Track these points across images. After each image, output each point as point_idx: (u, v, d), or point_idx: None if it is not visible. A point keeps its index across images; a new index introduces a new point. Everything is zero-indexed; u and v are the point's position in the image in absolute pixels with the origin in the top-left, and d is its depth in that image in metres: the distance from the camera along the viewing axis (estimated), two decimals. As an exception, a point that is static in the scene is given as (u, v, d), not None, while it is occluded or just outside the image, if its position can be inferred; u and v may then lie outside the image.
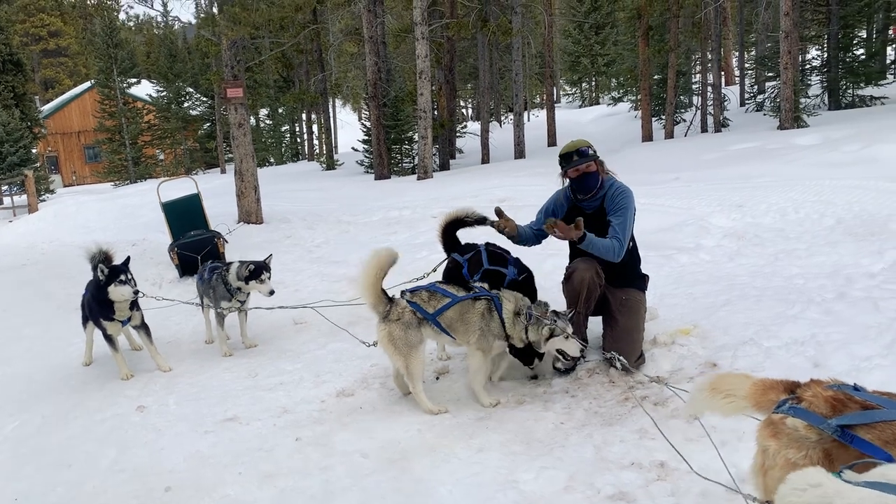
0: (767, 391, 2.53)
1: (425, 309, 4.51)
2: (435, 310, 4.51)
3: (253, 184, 13.21)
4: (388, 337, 4.48)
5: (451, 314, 4.51)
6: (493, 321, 4.50)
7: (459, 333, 4.55)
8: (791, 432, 2.28)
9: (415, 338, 4.48)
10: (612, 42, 40.64)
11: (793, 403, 2.36)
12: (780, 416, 2.35)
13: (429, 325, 4.53)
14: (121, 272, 5.68)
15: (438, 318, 4.50)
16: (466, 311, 4.52)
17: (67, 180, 44.48)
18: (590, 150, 4.79)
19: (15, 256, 13.45)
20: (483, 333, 4.49)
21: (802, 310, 5.10)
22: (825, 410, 2.28)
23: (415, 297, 4.57)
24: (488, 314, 4.51)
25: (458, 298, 4.53)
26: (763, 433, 2.40)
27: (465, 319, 4.51)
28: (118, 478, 4.04)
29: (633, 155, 16.01)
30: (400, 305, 4.54)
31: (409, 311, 4.51)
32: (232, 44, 12.90)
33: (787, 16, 16.14)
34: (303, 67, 32.29)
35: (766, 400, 2.50)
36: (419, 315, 4.50)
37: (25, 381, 6.02)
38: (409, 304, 4.53)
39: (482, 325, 4.49)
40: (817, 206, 8.18)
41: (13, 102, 28.76)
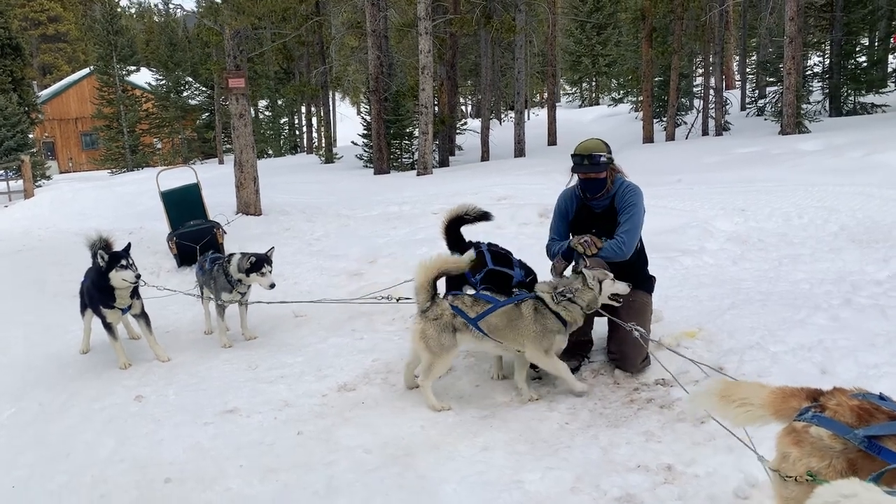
0: (788, 399, 2.47)
1: (467, 314, 4.43)
2: (477, 315, 4.42)
3: (252, 175, 13.13)
4: (422, 333, 4.45)
5: (496, 321, 4.42)
6: (548, 318, 4.40)
7: (509, 339, 4.45)
8: (815, 441, 2.24)
9: (447, 341, 4.43)
10: (614, 42, 40.61)
11: (816, 412, 2.31)
12: (802, 424, 2.31)
13: (469, 332, 4.43)
14: (122, 257, 5.63)
15: (480, 324, 4.42)
16: (515, 318, 4.43)
17: (64, 167, 44.29)
18: (602, 157, 4.70)
19: (10, 242, 13.35)
20: (542, 333, 4.40)
21: (809, 315, 5.07)
22: (851, 420, 2.23)
23: (457, 301, 4.50)
24: (540, 314, 4.41)
25: (500, 304, 4.44)
26: (784, 440, 2.35)
27: (515, 326, 4.41)
28: (117, 468, 3.98)
29: (634, 156, 15.95)
30: (441, 306, 4.49)
31: (448, 313, 4.44)
32: (235, 34, 12.81)
33: (792, 21, 16.12)
34: (304, 59, 32.18)
35: (787, 408, 2.45)
36: (460, 320, 4.42)
37: (22, 368, 5.96)
38: (452, 307, 4.45)
39: (537, 326, 4.40)
40: (821, 211, 8.16)
41: (11, 87, 28.61)
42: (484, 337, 4.44)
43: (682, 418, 4.00)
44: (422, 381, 4.50)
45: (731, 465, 3.44)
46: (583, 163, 4.73)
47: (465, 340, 4.49)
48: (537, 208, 9.80)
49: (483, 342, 4.50)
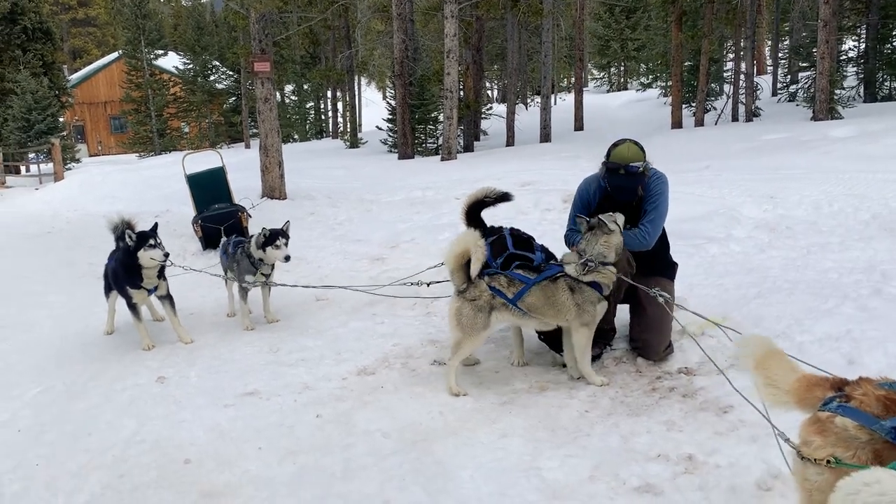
0: (812, 388, 2.42)
1: (506, 294, 4.40)
2: (514, 295, 4.40)
3: (277, 159, 13.17)
4: (458, 312, 4.46)
5: (533, 299, 4.39)
6: (585, 290, 4.37)
7: (550, 316, 4.43)
8: (839, 431, 2.19)
9: (481, 322, 4.41)
10: (643, 27, 40.00)
11: (841, 402, 2.25)
12: (827, 414, 2.25)
13: (507, 311, 4.41)
14: (150, 237, 5.67)
15: (519, 304, 4.39)
16: (552, 294, 4.39)
17: (93, 150, 44.84)
18: (640, 168, 4.58)
19: (40, 224, 13.56)
20: (581, 308, 4.36)
21: (837, 305, 4.96)
22: (878, 410, 2.18)
23: (493, 282, 4.46)
24: (577, 289, 4.38)
25: (533, 281, 4.41)
26: (808, 429, 2.31)
27: (554, 302, 4.38)
28: (138, 448, 4.02)
29: (662, 142, 15.75)
30: (479, 287, 4.44)
31: (487, 294, 4.41)
32: (260, 17, 12.82)
33: (827, 4, 15.74)
34: (329, 44, 32.19)
35: (811, 397, 2.40)
36: (500, 300, 4.40)
37: (47, 348, 6.04)
38: (490, 288, 4.42)
39: (576, 300, 4.36)
40: (852, 199, 7.96)
41: (42, 71, 28.95)
42: (525, 315, 4.42)
43: (705, 407, 3.95)
44: (449, 361, 4.50)
45: (753, 456, 3.38)
46: (618, 172, 4.61)
47: (504, 319, 4.48)
48: (561, 194, 9.70)
49: (525, 319, 4.49)
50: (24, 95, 26.37)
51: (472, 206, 5.52)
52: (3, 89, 27.77)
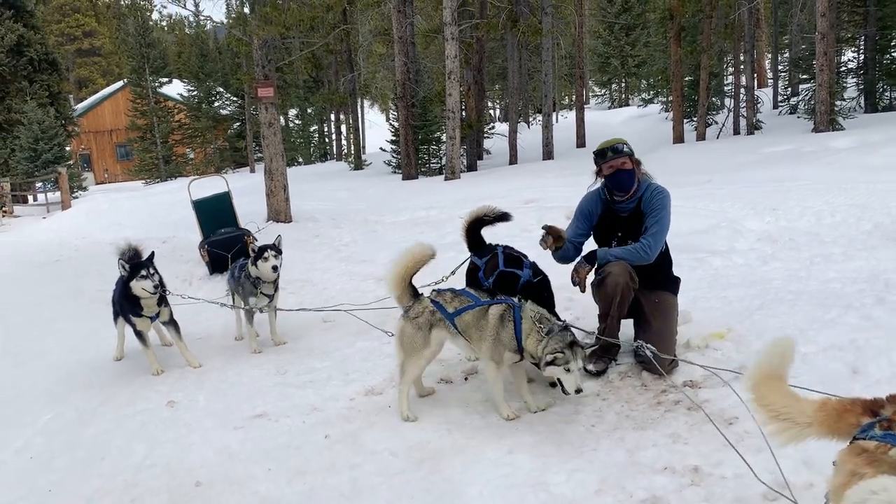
0: (843, 415, 2.29)
1: (447, 309, 4.40)
2: (455, 310, 4.39)
3: (282, 183, 13.29)
4: (400, 332, 4.49)
5: (468, 318, 4.36)
6: (506, 331, 4.22)
7: (473, 340, 4.37)
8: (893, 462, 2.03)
9: (420, 341, 4.40)
10: (643, 43, 40.27)
11: (884, 428, 2.13)
12: (875, 444, 2.11)
13: (444, 327, 4.41)
14: (142, 267, 5.73)
15: (456, 320, 4.37)
16: (481, 318, 4.33)
17: (99, 178, 45.26)
18: (625, 148, 4.71)
19: (48, 253, 13.68)
20: (494, 343, 4.25)
21: (840, 315, 4.98)
22: None
23: (439, 297, 4.48)
24: (501, 323, 4.25)
25: (480, 303, 4.38)
26: (854, 460, 2.13)
27: (479, 326, 4.32)
28: (149, 472, 4.06)
29: (664, 156, 15.83)
30: (422, 304, 4.47)
31: (427, 311, 4.42)
32: (263, 43, 12.99)
33: (824, 17, 15.86)
34: (332, 68, 32.51)
35: (844, 425, 2.27)
36: (438, 316, 4.39)
37: (58, 374, 6.10)
38: (433, 302, 4.44)
39: (494, 333, 4.25)
40: (854, 209, 8.00)
41: (48, 101, 29.23)
42: (457, 333, 4.40)
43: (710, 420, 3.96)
44: (399, 385, 4.48)
45: (759, 467, 3.38)
46: (605, 154, 4.73)
47: (440, 337, 4.44)
48: (564, 211, 9.74)
49: (456, 339, 4.46)
50: (31, 126, 26.65)
51: (472, 225, 5.58)
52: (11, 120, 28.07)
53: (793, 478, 3.25)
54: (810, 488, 3.15)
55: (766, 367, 2.52)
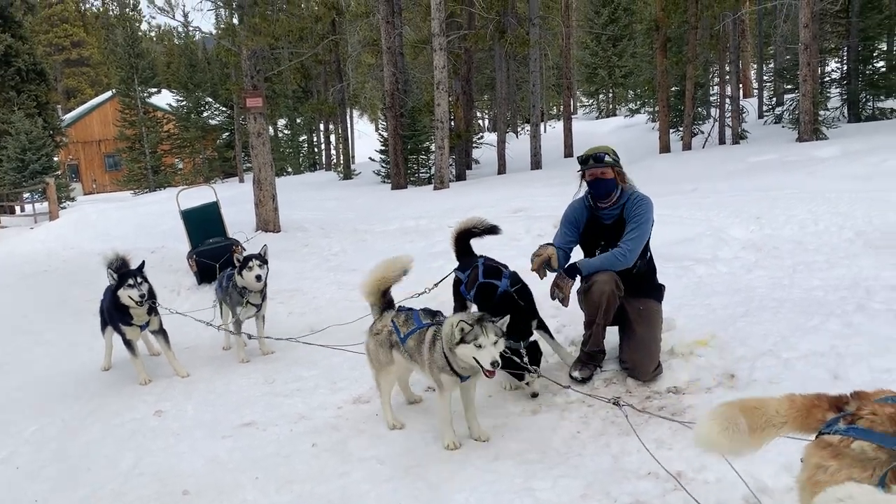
0: (811, 410, 2.36)
1: (401, 331, 4.34)
2: (405, 334, 4.32)
3: (271, 193, 13.30)
4: (366, 346, 4.55)
5: (412, 343, 4.29)
6: (436, 351, 4.09)
7: (419, 364, 4.30)
8: (857, 454, 2.12)
9: (385, 358, 4.40)
10: (629, 54, 40.61)
11: (848, 423, 2.20)
12: (839, 437, 2.19)
13: (399, 349, 4.35)
14: (129, 276, 5.75)
15: (406, 344, 4.30)
16: (420, 342, 4.23)
17: (88, 188, 45.07)
18: (607, 157, 4.76)
19: (36, 263, 13.61)
20: (430, 367, 4.15)
21: (822, 322, 5.05)
22: (893, 428, 2.11)
23: (396, 317, 4.42)
24: (433, 345, 4.14)
25: (419, 326, 4.29)
26: (820, 454, 2.21)
27: (420, 350, 4.24)
28: (137, 481, 4.07)
29: (650, 166, 15.97)
30: (384, 321, 4.45)
31: (387, 329, 4.41)
32: (252, 54, 13.03)
33: (807, 28, 16.07)
34: (321, 78, 32.59)
35: (812, 420, 2.34)
36: (395, 337, 4.36)
37: (46, 385, 6.10)
38: (391, 323, 4.40)
39: (429, 357, 4.15)
40: (837, 218, 8.10)
41: (36, 111, 29.11)
42: (409, 358, 4.32)
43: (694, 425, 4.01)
44: (380, 399, 4.50)
45: (741, 471, 3.44)
46: (587, 162, 4.79)
47: (400, 357, 4.37)
48: (552, 220, 9.81)
49: (409, 362, 4.36)
50: (19, 136, 26.53)
51: (461, 236, 5.63)
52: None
53: (773, 482, 3.32)
54: (790, 492, 3.20)
55: None
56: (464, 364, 3.97)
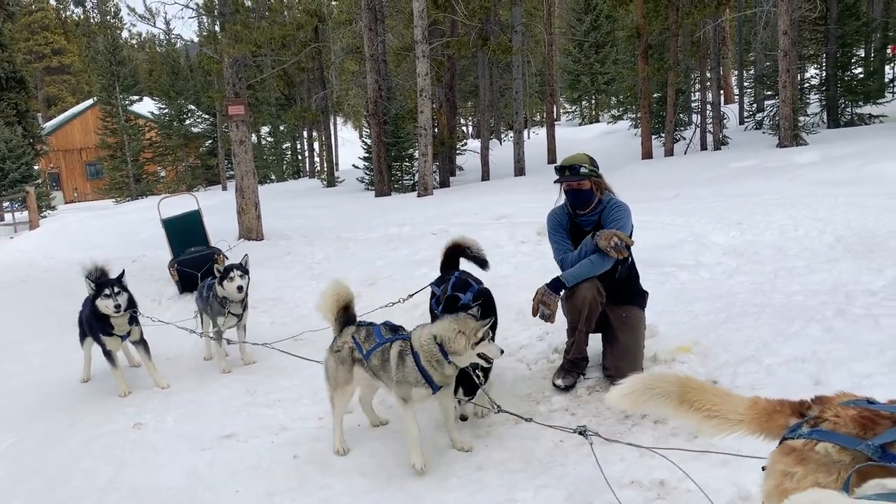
0: (773, 415, 2.35)
1: (363, 347, 4.21)
2: (368, 350, 4.18)
3: (254, 200, 13.24)
4: (325, 364, 4.38)
5: (375, 360, 4.16)
6: (408, 365, 3.99)
7: (384, 381, 4.17)
8: (821, 457, 2.10)
9: (343, 376, 4.24)
10: (611, 61, 40.84)
11: (811, 426, 2.19)
12: (803, 441, 2.17)
13: (362, 366, 4.22)
14: (107, 286, 5.69)
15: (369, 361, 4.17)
16: (385, 358, 4.11)
17: (69, 197, 44.64)
18: (583, 168, 4.73)
19: (15, 273, 13.45)
20: (399, 383, 4.01)
21: (803, 327, 5.08)
22: (855, 430, 2.10)
23: (358, 333, 4.29)
24: (402, 360, 4.03)
25: (382, 342, 4.16)
26: (784, 460, 2.19)
27: (385, 367, 4.10)
28: (115, 495, 4.02)
29: (633, 172, 16.04)
30: (344, 337, 4.30)
31: (348, 346, 4.25)
32: (234, 61, 12.98)
33: (786, 34, 16.23)
34: (304, 85, 32.52)
35: (774, 425, 2.32)
36: (357, 353, 4.21)
37: (23, 397, 6.01)
38: (353, 339, 4.26)
39: (397, 371, 4.03)
40: (817, 223, 8.17)
41: (16, 119, 28.91)
42: (373, 375, 4.20)
43: (676, 433, 4.01)
44: (333, 420, 4.32)
45: (723, 479, 3.44)
46: (564, 173, 4.79)
47: (362, 374, 4.25)
48: (536, 226, 9.83)
49: (373, 380, 4.25)
50: (-2, 144, 26.31)
51: (452, 250, 5.54)
52: (-23, 139, 27.66)
53: (756, 490, 3.30)
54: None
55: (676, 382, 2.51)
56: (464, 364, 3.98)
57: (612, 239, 4.52)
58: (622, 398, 2.50)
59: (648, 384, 2.48)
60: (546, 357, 5.49)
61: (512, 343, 5.97)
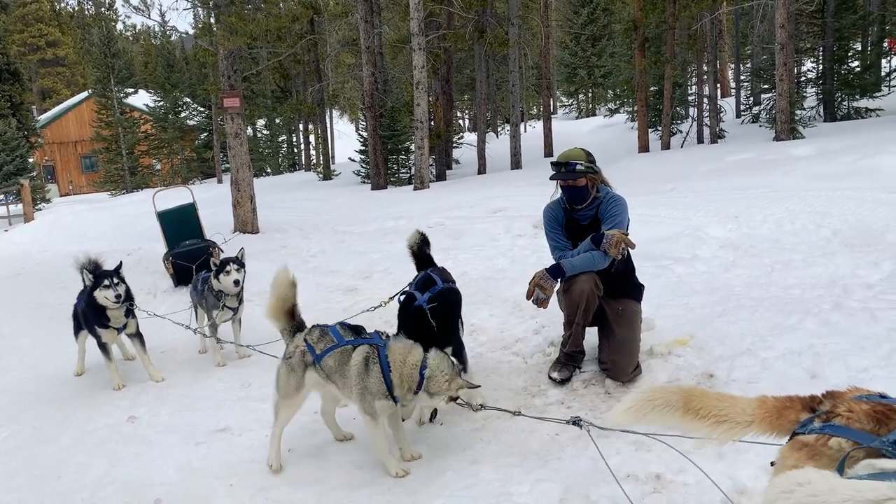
0: (783, 412, 2.30)
1: (315, 349, 3.95)
2: (321, 352, 3.92)
3: (249, 193, 13.19)
4: (277, 372, 4.10)
5: (331, 362, 3.88)
6: (371, 376, 3.74)
7: (340, 388, 3.90)
8: (834, 453, 2.06)
9: (294, 383, 3.96)
10: (608, 54, 40.78)
11: (823, 421, 2.16)
12: (815, 436, 2.13)
13: (314, 370, 3.94)
14: (106, 277, 5.66)
15: (322, 363, 3.91)
16: (344, 361, 3.83)
17: (64, 190, 44.49)
18: (579, 165, 4.69)
19: (10, 266, 13.39)
20: (361, 392, 3.76)
21: (799, 320, 5.07)
22: (869, 426, 2.07)
23: (309, 336, 4.01)
24: (366, 367, 3.77)
25: (342, 343, 3.91)
26: (796, 455, 2.14)
27: (343, 372, 3.83)
28: (108, 490, 3.99)
29: (629, 166, 16.02)
30: (296, 342, 4.04)
31: (300, 350, 3.98)
32: (229, 54, 12.91)
33: (783, 28, 16.18)
34: (300, 78, 32.38)
35: (784, 422, 2.29)
36: (310, 357, 3.94)
37: (16, 391, 5.97)
38: (304, 342, 3.99)
39: (359, 380, 3.76)
40: (813, 216, 8.16)
41: (10, 112, 28.74)
42: (326, 378, 3.94)
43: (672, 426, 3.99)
44: (272, 429, 4.07)
45: (720, 473, 3.42)
46: (560, 170, 4.76)
47: (315, 380, 3.97)
48: (532, 220, 9.81)
49: (326, 385, 3.98)
50: (-8, 137, 26.21)
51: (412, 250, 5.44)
52: (-29, 131, 27.54)
53: (752, 484, 3.30)
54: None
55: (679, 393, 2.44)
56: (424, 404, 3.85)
57: (619, 246, 4.52)
58: (624, 413, 2.43)
59: (649, 396, 2.41)
60: (542, 350, 5.48)
61: (508, 336, 5.96)
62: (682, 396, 2.39)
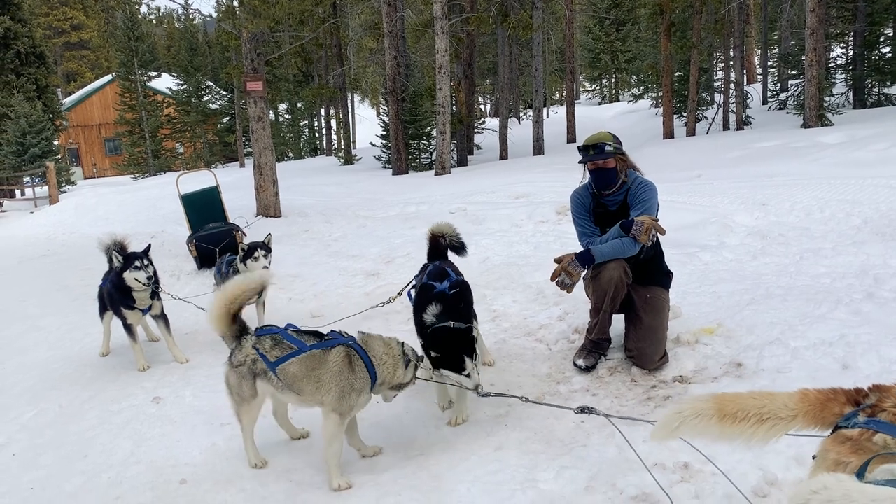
0: (827, 404, 2.25)
1: (268, 357, 3.76)
2: (276, 359, 3.75)
3: (271, 177, 13.22)
4: (226, 379, 3.95)
5: (295, 369, 3.72)
6: (358, 373, 3.70)
7: (307, 393, 3.73)
8: (879, 449, 2.00)
9: (247, 391, 3.81)
10: (633, 38, 40.29)
11: (868, 415, 2.10)
12: (859, 430, 2.08)
13: (268, 379, 3.78)
14: (136, 258, 5.68)
15: (279, 371, 3.73)
16: (317, 367, 3.71)
17: (88, 172, 44.97)
18: (608, 146, 4.64)
19: (35, 247, 13.56)
20: (343, 392, 3.66)
21: (830, 310, 4.98)
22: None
23: (260, 342, 3.83)
24: (348, 366, 3.70)
25: (306, 348, 3.76)
26: (838, 449, 2.09)
27: (316, 377, 3.70)
28: (133, 469, 4.01)
29: (654, 152, 15.83)
30: (245, 349, 3.84)
31: (251, 358, 3.80)
32: (252, 37, 12.89)
33: (814, 12, 15.88)
34: (322, 62, 32.34)
35: (828, 414, 2.23)
36: (262, 365, 3.76)
37: (42, 371, 6.03)
38: (255, 348, 3.81)
39: (341, 381, 3.66)
40: (843, 205, 8.01)
41: (36, 95, 28.99)
42: (284, 387, 3.76)
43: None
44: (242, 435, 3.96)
45: (749, 463, 3.38)
46: (588, 152, 4.69)
47: (267, 389, 3.82)
48: (555, 206, 9.74)
49: (284, 393, 3.81)
50: (19, 119, 26.45)
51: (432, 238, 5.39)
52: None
53: (783, 474, 3.25)
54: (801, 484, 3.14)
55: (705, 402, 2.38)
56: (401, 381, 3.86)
57: (650, 232, 4.46)
58: (658, 431, 2.41)
59: (677, 409, 2.37)
60: (566, 337, 5.43)
61: (532, 323, 5.92)
62: (714, 403, 2.32)
